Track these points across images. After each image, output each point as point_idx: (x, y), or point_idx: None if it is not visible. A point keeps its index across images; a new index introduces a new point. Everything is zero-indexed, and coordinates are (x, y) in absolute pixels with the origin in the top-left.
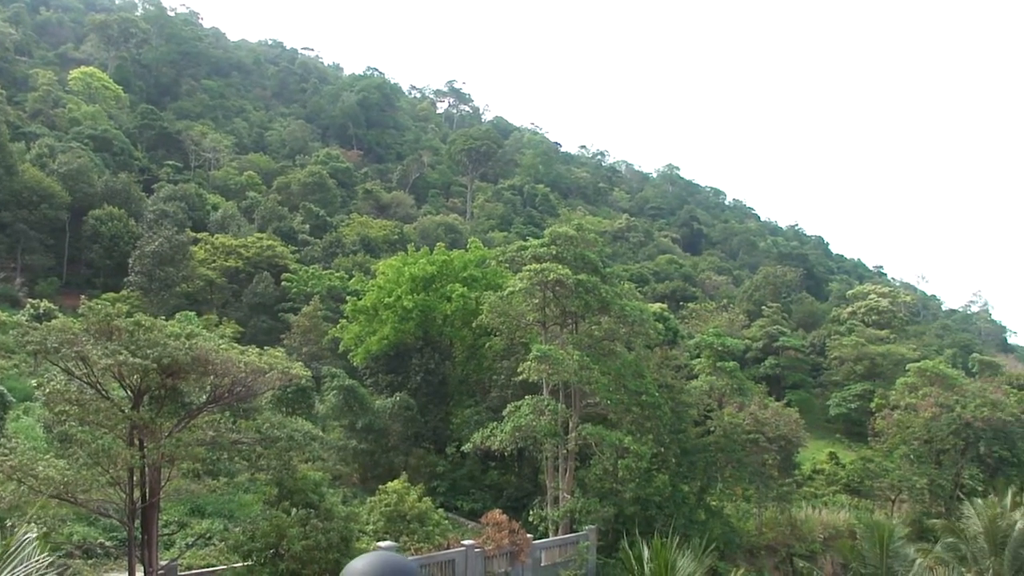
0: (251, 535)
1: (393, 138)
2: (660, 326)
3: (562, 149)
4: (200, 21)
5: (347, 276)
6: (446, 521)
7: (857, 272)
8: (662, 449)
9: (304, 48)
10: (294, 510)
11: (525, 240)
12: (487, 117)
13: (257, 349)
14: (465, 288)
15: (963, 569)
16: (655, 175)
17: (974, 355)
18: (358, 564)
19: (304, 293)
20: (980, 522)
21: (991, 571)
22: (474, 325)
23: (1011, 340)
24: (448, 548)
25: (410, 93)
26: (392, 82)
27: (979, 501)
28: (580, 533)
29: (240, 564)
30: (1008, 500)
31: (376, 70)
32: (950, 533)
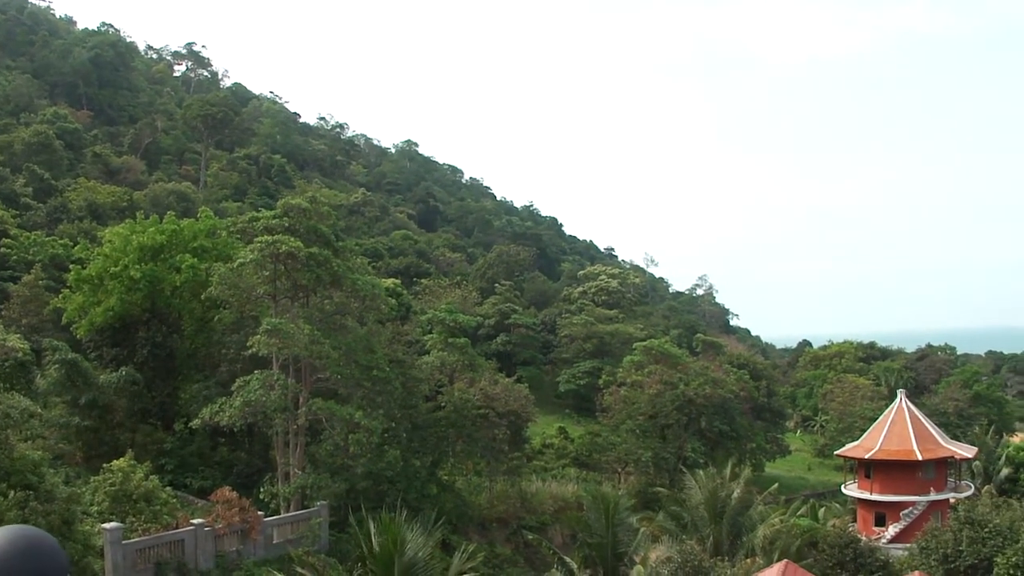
0: None
1: (126, 100)
2: (393, 301)
3: (301, 120)
4: None
5: (72, 244)
6: (175, 500)
7: (589, 253)
8: (393, 424)
9: None
10: (11, 492)
11: (259, 211)
12: (226, 83)
13: None
14: (195, 259)
15: (685, 536)
16: (394, 150)
17: (698, 335)
18: None
19: (25, 261)
20: (701, 492)
21: (711, 538)
22: (203, 297)
23: (733, 322)
24: (177, 528)
25: (146, 53)
26: (128, 40)
27: (700, 473)
28: (312, 509)
29: None
30: (727, 471)
31: (111, 26)
32: (673, 503)
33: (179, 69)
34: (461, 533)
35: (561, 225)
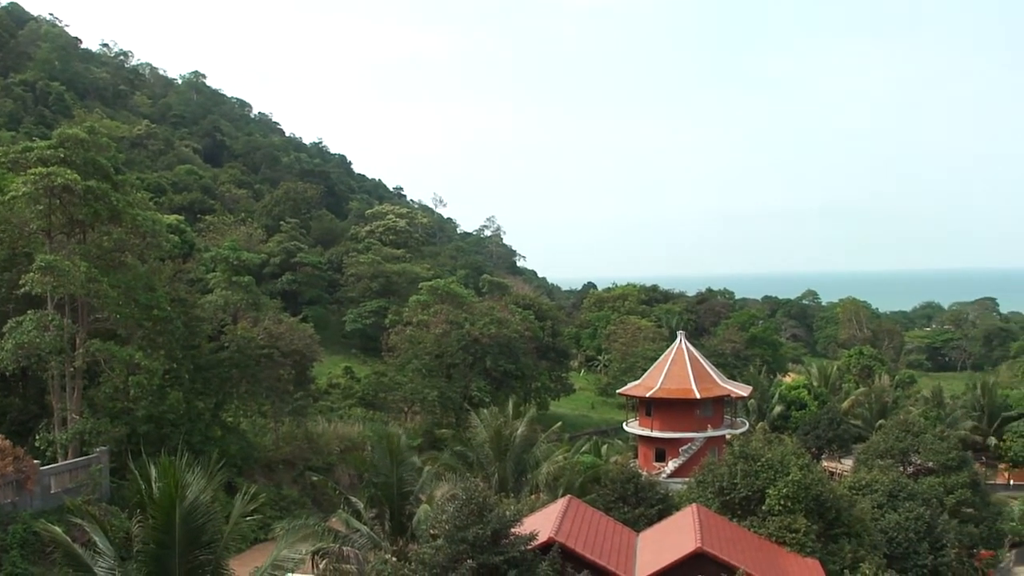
0: None
1: None
2: (175, 238)
3: (82, 46)
4: None
5: None
6: None
7: (377, 192)
8: (175, 365)
9: None
10: None
11: (34, 141)
12: (0, 3)
13: None
14: None
15: (470, 474)
16: (180, 81)
17: (485, 276)
18: None
19: None
20: (486, 431)
21: (496, 475)
22: None
23: (520, 263)
24: None
25: None
26: None
27: (485, 411)
28: (91, 456)
29: None
30: (510, 410)
31: None
32: (458, 442)
33: None
34: (247, 475)
35: (350, 163)
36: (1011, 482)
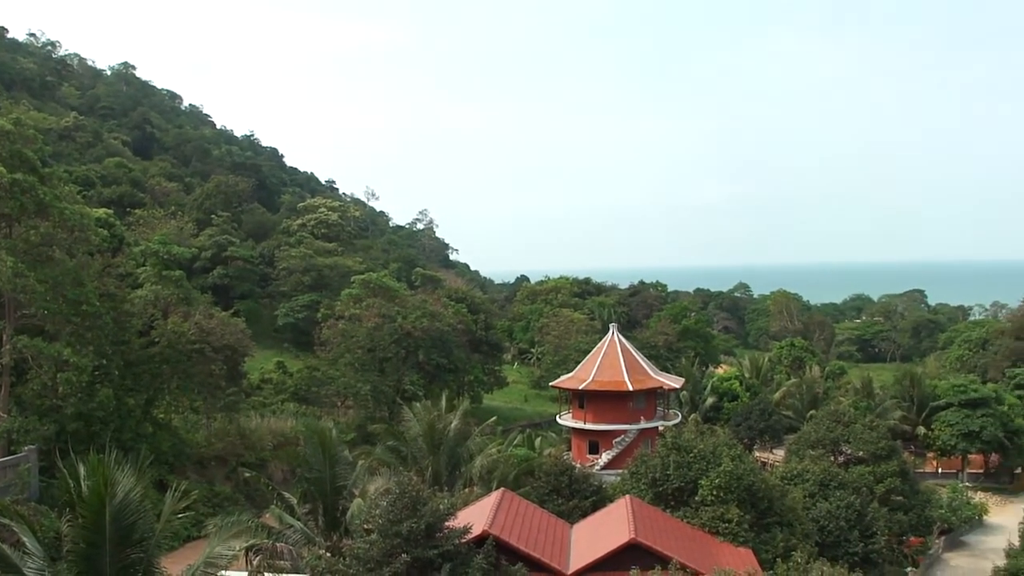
0: None
1: None
2: (104, 232)
3: (9, 35)
4: None
5: None
6: None
7: (310, 185)
8: (104, 361)
9: None
10: None
11: None
12: None
13: None
14: None
15: (404, 468)
16: (109, 72)
17: (417, 269)
18: None
19: None
20: (419, 425)
21: (430, 469)
22: None
23: (453, 257)
24: None
25: None
26: None
27: (418, 405)
28: (19, 455)
29: None
30: (443, 403)
31: None
32: (392, 436)
33: None
34: (179, 472)
35: (282, 156)
36: (939, 470)
